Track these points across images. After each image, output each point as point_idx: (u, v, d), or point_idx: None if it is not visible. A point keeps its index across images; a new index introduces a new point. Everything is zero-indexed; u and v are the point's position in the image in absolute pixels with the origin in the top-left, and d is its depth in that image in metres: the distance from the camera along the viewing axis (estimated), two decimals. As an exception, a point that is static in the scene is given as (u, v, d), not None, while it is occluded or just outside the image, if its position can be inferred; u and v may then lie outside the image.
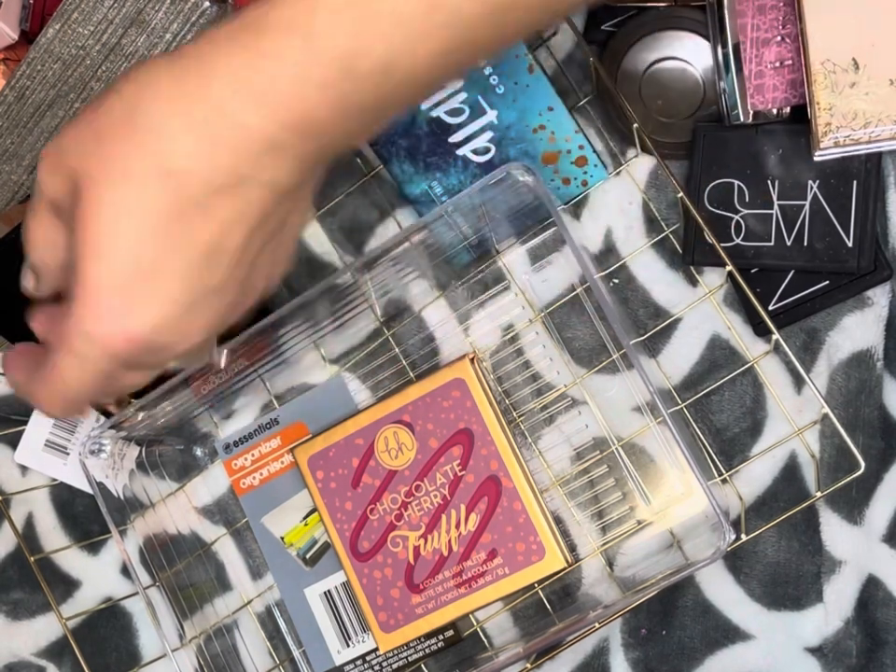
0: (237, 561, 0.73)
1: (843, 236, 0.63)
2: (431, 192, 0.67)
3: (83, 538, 0.74)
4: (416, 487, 0.66)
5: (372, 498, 0.67)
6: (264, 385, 0.72)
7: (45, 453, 0.74)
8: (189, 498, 0.73)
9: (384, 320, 0.70)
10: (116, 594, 0.74)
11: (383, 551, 0.67)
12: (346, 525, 0.67)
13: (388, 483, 0.67)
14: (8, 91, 0.70)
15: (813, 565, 0.65)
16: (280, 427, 0.71)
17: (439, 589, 0.66)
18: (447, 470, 0.66)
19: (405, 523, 0.67)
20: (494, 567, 0.65)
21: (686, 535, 0.65)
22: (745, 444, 0.66)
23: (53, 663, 0.74)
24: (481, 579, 0.65)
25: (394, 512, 0.67)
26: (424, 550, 0.66)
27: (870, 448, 0.64)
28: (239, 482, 0.72)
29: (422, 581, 0.66)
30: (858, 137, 0.60)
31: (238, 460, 0.72)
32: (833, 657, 0.64)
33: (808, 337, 0.66)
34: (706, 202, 0.65)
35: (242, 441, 0.72)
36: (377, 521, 0.67)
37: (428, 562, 0.66)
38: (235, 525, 0.73)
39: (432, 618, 0.66)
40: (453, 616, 0.66)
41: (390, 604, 0.67)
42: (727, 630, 0.66)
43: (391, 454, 0.67)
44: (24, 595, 0.74)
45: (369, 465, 0.67)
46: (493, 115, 0.65)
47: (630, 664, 0.67)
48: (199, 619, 0.70)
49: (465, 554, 0.66)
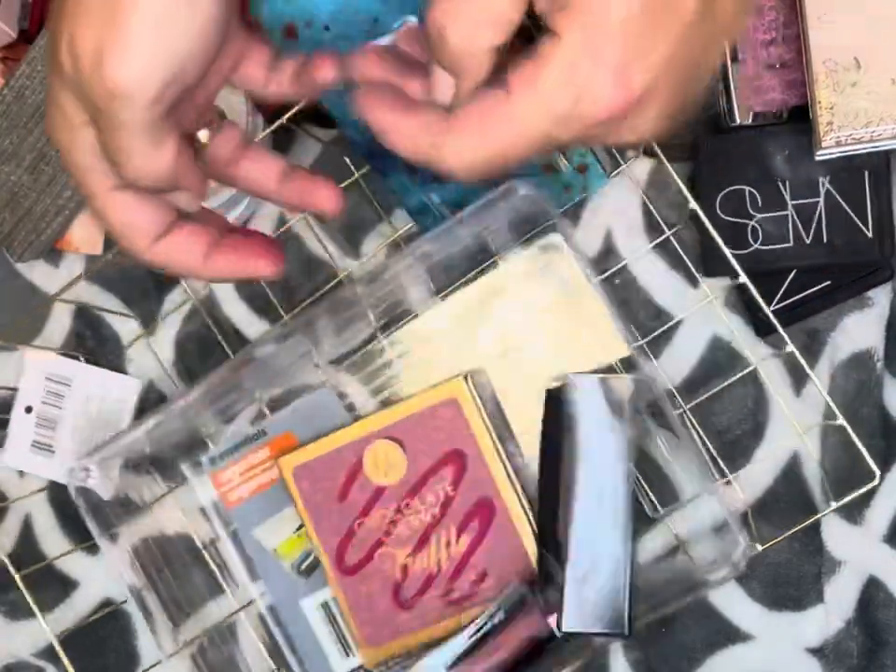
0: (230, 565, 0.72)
1: (862, 228, 0.63)
2: (430, 204, 0.66)
3: (82, 537, 0.74)
4: (406, 505, 0.66)
5: (360, 513, 0.66)
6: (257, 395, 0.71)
7: (32, 454, 0.73)
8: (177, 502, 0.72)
9: (381, 325, 0.69)
10: (114, 594, 0.74)
11: (370, 566, 0.66)
12: (332, 537, 0.67)
13: (377, 499, 0.66)
14: (7, 92, 0.70)
15: (814, 565, 0.65)
16: (268, 438, 0.70)
17: (427, 607, 0.66)
18: (438, 490, 0.65)
19: (394, 539, 0.66)
20: (484, 588, 0.65)
21: (692, 540, 0.65)
22: (747, 447, 0.66)
23: (52, 663, 0.74)
24: (469, 600, 0.65)
25: (382, 529, 0.66)
26: (412, 567, 0.66)
27: (870, 448, 0.64)
28: (227, 494, 0.70)
29: (410, 597, 0.66)
30: (860, 136, 0.60)
31: (225, 473, 0.70)
32: (834, 658, 0.64)
33: (809, 337, 0.66)
34: (718, 211, 0.65)
35: (228, 453, 0.70)
36: (365, 536, 0.66)
37: (417, 579, 0.66)
38: (231, 527, 0.72)
39: (420, 634, 0.66)
40: (440, 633, 0.65)
41: (375, 618, 0.66)
42: (728, 630, 0.66)
43: (380, 470, 0.66)
44: (23, 596, 0.74)
45: (357, 479, 0.66)
46: None
47: (630, 664, 0.67)
48: (194, 624, 0.69)
49: (455, 574, 0.65)
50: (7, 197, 0.71)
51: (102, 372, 0.73)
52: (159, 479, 0.72)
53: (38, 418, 0.73)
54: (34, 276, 0.75)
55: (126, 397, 0.72)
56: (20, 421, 0.73)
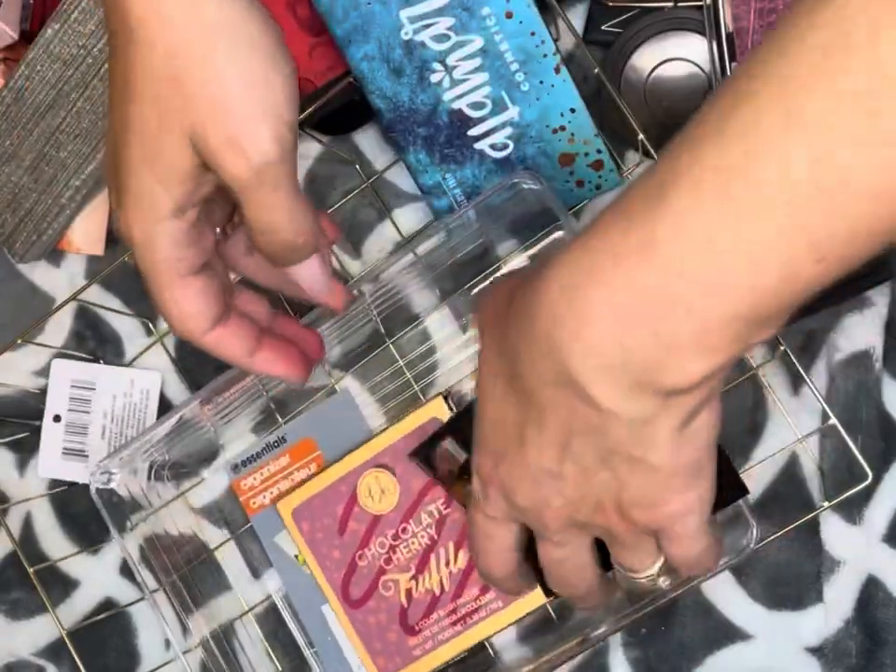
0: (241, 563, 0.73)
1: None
2: (444, 184, 0.66)
3: (82, 537, 0.74)
4: (403, 529, 0.66)
5: (360, 544, 0.66)
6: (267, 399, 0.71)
7: (65, 461, 0.73)
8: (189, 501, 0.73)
9: (385, 329, 0.69)
10: (115, 594, 0.74)
11: (375, 595, 0.66)
12: (336, 573, 0.67)
13: (375, 528, 0.66)
14: (7, 92, 0.70)
15: (813, 565, 0.65)
16: (288, 445, 0.70)
17: (434, 629, 0.66)
18: (432, 510, 0.65)
19: (395, 566, 0.66)
20: (487, 601, 0.65)
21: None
22: (745, 445, 0.66)
23: (53, 662, 0.74)
24: (475, 614, 0.65)
25: (383, 556, 0.66)
26: (416, 591, 0.66)
27: (869, 448, 0.64)
28: (249, 501, 0.70)
29: (417, 622, 0.66)
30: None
31: (247, 480, 0.70)
32: (833, 657, 0.65)
33: (807, 338, 0.66)
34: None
35: (249, 460, 0.70)
36: (366, 566, 0.66)
37: (422, 602, 0.66)
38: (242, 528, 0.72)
39: (430, 658, 0.66)
40: (450, 655, 0.66)
41: (387, 648, 0.66)
42: (727, 630, 0.66)
43: (374, 498, 0.66)
44: (23, 595, 0.74)
45: (353, 511, 0.66)
46: (515, 111, 0.65)
47: (630, 662, 0.67)
48: (204, 619, 0.70)
49: (457, 592, 0.65)
50: (8, 198, 0.71)
51: (122, 370, 0.73)
52: (175, 481, 0.73)
53: (67, 425, 0.73)
54: (35, 277, 0.75)
55: (149, 389, 0.73)
56: (49, 431, 0.73)
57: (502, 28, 0.62)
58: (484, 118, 0.65)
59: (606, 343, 0.39)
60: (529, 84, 0.64)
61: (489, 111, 0.65)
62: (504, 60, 0.63)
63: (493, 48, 0.63)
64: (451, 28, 0.63)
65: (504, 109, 0.64)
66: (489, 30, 0.62)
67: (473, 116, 0.65)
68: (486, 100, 0.64)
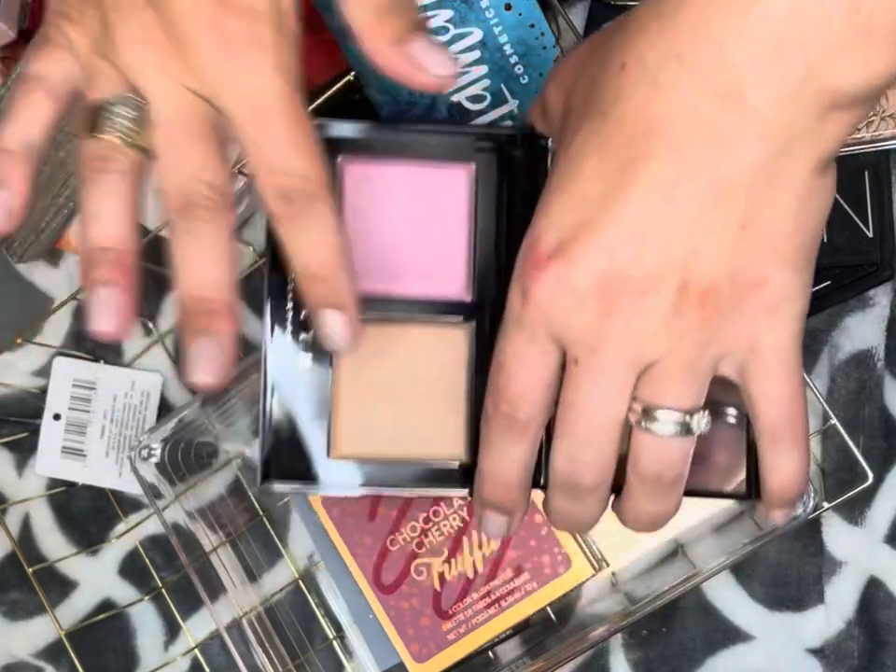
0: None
1: (862, 228, 0.63)
2: None
3: (81, 538, 0.74)
4: (434, 513, 0.66)
5: (391, 529, 0.66)
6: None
7: (63, 459, 0.73)
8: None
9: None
10: (114, 595, 0.73)
11: (407, 581, 0.66)
12: (367, 559, 0.67)
13: (405, 512, 0.66)
14: (6, 92, 0.69)
15: (814, 566, 0.65)
16: None
17: (468, 612, 0.65)
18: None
19: (427, 550, 0.66)
20: (522, 583, 0.65)
21: (691, 541, 0.65)
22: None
23: (51, 664, 0.73)
24: (510, 596, 0.65)
25: (415, 541, 0.66)
26: (449, 574, 0.66)
27: (871, 449, 0.64)
28: None
29: (451, 606, 0.66)
30: (860, 136, 0.60)
31: None
32: (835, 658, 0.64)
33: (809, 337, 0.66)
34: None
35: None
36: (398, 551, 0.66)
37: (455, 586, 0.66)
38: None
39: (465, 642, 0.65)
40: (485, 638, 0.65)
41: (421, 633, 0.66)
42: (728, 631, 0.66)
43: None
44: (22, 596, 0.74)
45: (382, 497, 0.66)
46: (514, 104, 0.64)
47: (630, 664, 0.67)
48: (241, 598, 0.69)
49: (491, 574, 0.65)
50: (6, 197, 0.71)
51: (123, 371, 0.73)
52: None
53: (67, 424, 0.73)
54: (34, 277, 0.75)
55: (150, 391, 0.73)
56: (49, 429, 0.73)
57: (501, 20, 0.62)
58: (484, 111, 0.65)
59: (765, 30, 0.35)
60: (529, 77, 0.64)
61: (488, 104, 0.65)
62: (503, 52, 0.63)
63: (492, 40, 0.63)
64: (450, 20, 0.62)
65: (503, 102, 0.64)
66: (488, 22, 0.62)
67: (472, 109, 0.65)
68: (485, 93, 0.64)
